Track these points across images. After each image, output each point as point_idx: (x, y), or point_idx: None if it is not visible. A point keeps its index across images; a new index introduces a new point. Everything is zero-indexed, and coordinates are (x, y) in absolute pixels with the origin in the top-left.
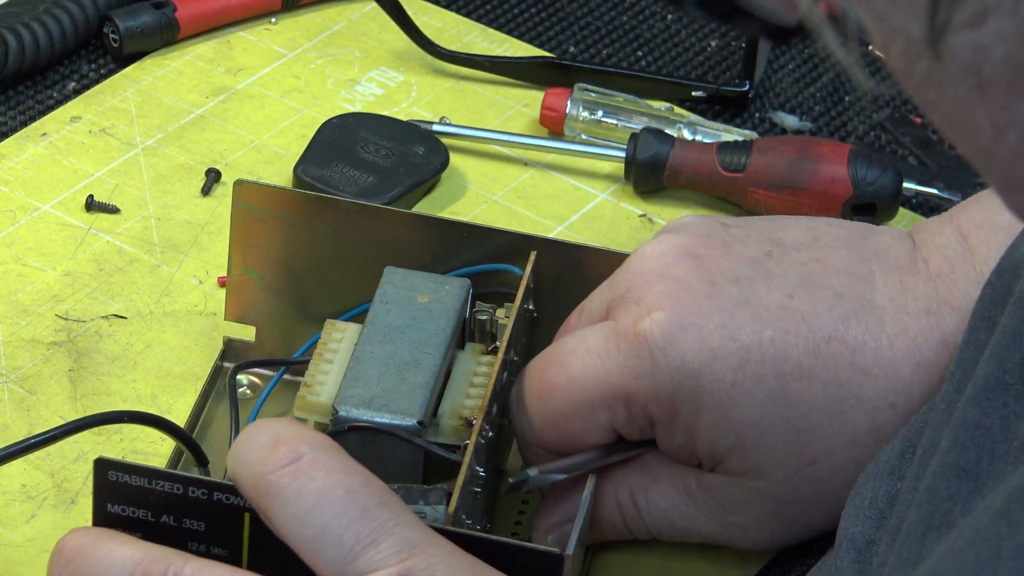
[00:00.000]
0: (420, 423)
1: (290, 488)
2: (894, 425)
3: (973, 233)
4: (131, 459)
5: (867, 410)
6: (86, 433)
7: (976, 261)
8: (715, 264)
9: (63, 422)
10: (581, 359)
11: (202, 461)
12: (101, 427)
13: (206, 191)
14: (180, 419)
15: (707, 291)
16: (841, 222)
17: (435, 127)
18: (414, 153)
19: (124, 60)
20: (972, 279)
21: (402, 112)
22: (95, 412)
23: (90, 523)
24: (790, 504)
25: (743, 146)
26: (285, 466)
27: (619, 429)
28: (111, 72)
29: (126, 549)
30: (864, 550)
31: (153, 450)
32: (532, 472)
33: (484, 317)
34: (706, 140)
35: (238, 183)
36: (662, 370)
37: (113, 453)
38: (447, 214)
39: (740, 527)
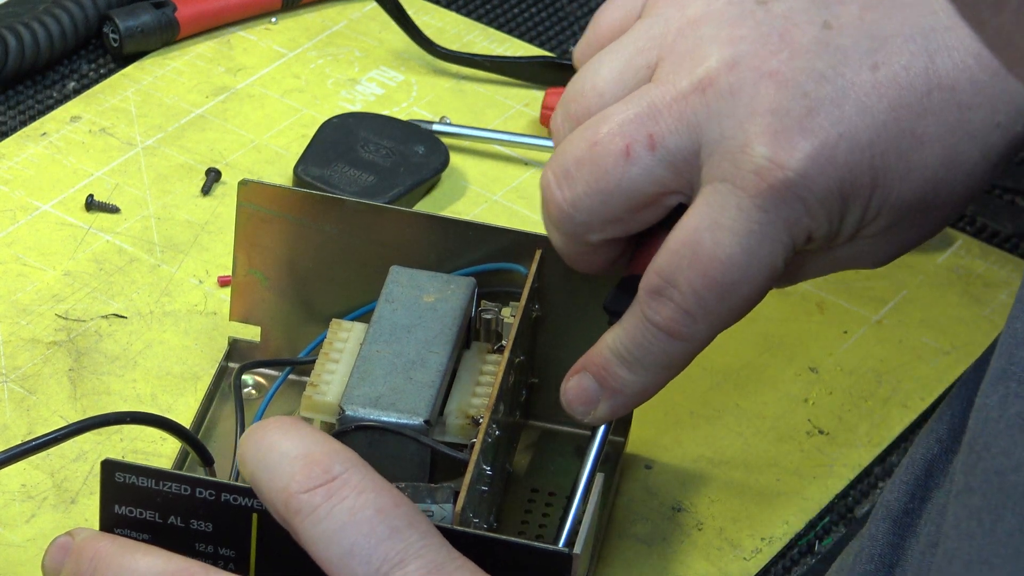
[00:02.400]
0: (427, 422)
1: (321, 508)
2: (1004, 142)
3: None
4: (132, 459)
5: (978, 141)
6: (86, 432)
7: None
8: (788, 67)
9: (63, 422)
10: (736, 249)
11: (207, 461)
12: (102, 427)
13: (206, 191)
14: (181, 418)
15: (798, 96)
16: None
17: (435, 127)
18: (414, 153)
19: (124, 60)
20: None
21: (402, 112)
22: (95, 412)
23: (91, 523)
24: (907, 242)
25: None
26: (318, 486)
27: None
28: (111, 72)
29: (148, 559)
30: (899, 519)
31: (153, 450)
32: None
33: (490, 316)
34: None
35: (243, 183)
36: (813, 203)
37: (113, 453)
38: (448, 214)
39: (850, 265)
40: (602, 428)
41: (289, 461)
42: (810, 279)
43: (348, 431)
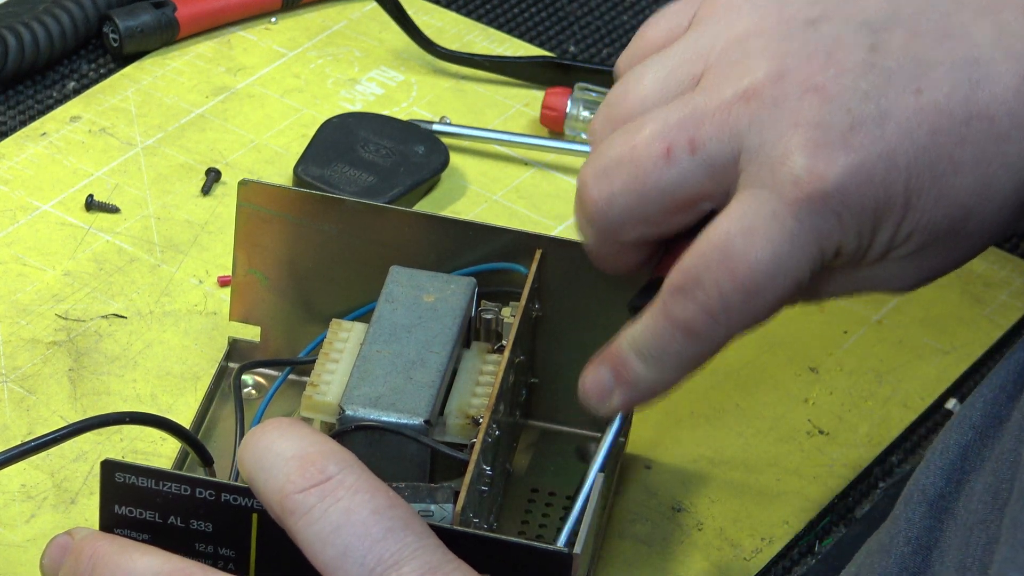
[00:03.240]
0: (427, 422)
1: (316, 508)
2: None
3: None
4: (131, 459)
5: (1012, 172)
6: (86, 433)
7: None
8: (834, 84)
9: (63, 422)
10: (766, 254)
11: (207, 461)
12: (102, 427)
13: (206, 191)
14: (181, 418)
15: (841, 112)
16: None
17: (435, 127)
18: (414, 153)
19: (124, 60)
20: None
21: (402, 112)
22: (95, 412)
23: (91, 523)
24: (936, 268)
25: None
26: (312, 486)
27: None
28: (111, 72)
29: (147, 559)
30: (935, 503)
31: (153, 450)
32: None
33: (490, 316)
34: None
35: (243, 183)
36: (846, 215)
37: (113, 453)
38: (447, 214)
39: (879, 286)
40: (612, 429)
41: (284, 462)
42: (834, 297)
43: (348, 431)
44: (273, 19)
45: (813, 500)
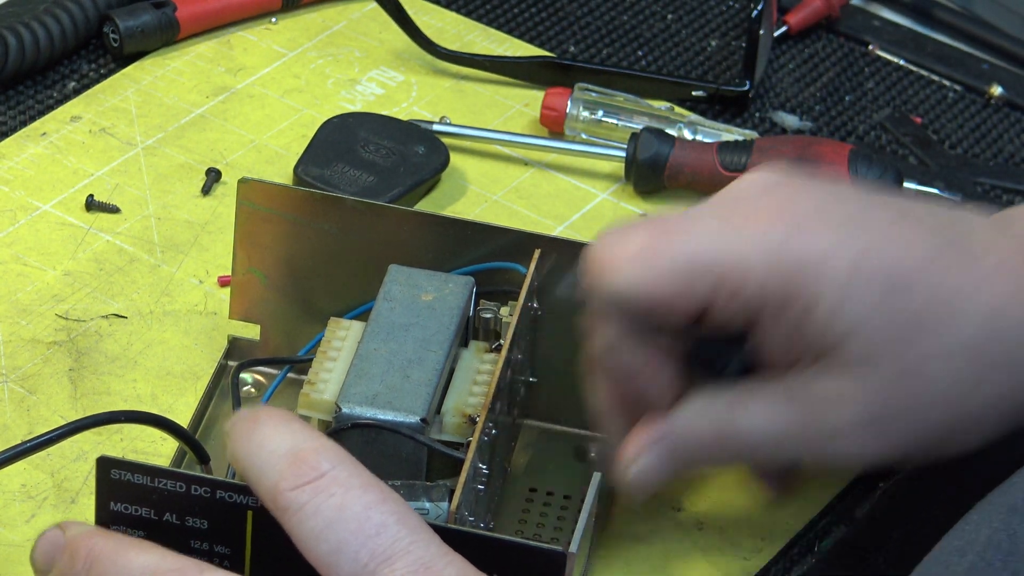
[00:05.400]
0: (423, 420)
1: (309, 505)
2: (1007, 337)
3: None
4: (131, 459)
5: (981, 316)
6: (86, 433)
7: None
8: (822, 196)
9: (63, 422)
10: (701, 224)
11: (203, 459)
12: (101, 427)
13: (206, 191)
14: (180, 418)
15: (817, 207)
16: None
17: (435, 127)
18: (414, 153)
19: (124, 60)
20: None
21: (402, 112)
22: (95, 412)
23: (91, 522)
24: (889, 408)
25: (743, 146)
26: (306, 484)
27: (715, 313)
28: (111, 72)
29: (144, 556)
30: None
31: (153, 449)
32: None
33: (488, 315)
34: (706, 140)
35: (242, 181)
36: (785, 254)
37: (113, 452)
38: (447, 213)
39: (835, 432)
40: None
41: (277, 458)
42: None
43: (344, 429)
44: (273, 19)
45: (813, 500)
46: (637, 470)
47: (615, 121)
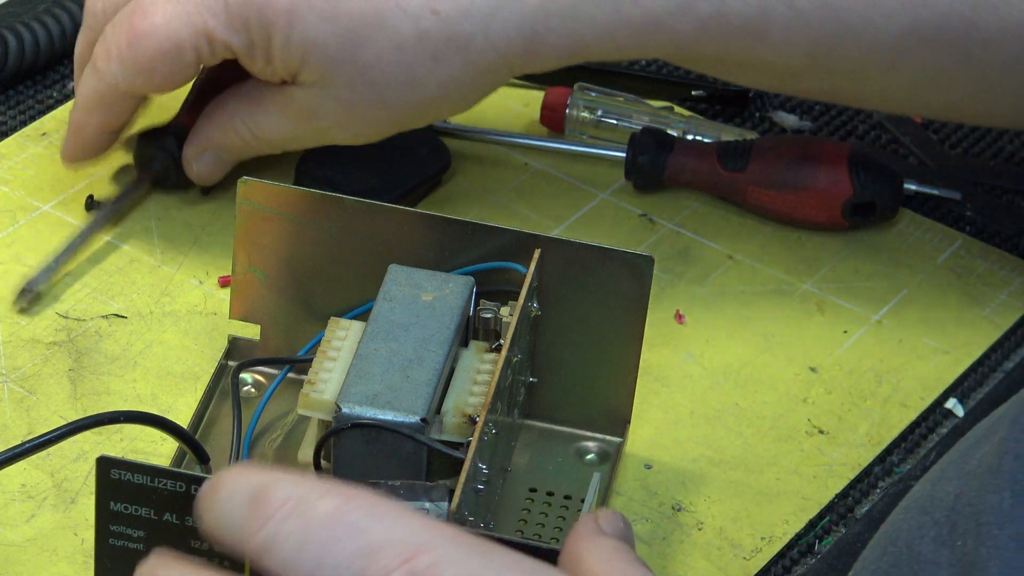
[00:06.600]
0: (423, 420)
1: (276, 536)
2: (439, 30)
3: None
4: (131, 458)
5: (410, 17)
6: (86, 433)
7: None
8: None
9: (63, 422)
10: (162, 6)
11: (203, 459)
12: (101, 427)
13: (206, 191)
14: (180, 418)
15: None
16: None
17: (436, 127)
18: (415, 153)
19: None
20: None
21: None
22: (95, 412)
23: (90, 523)
24: (357, 105)
25: (743, 146)
26: (268, 520)
27: (207, 64)
28: None
29: None
30: None
31: (153, 450)
32: None
33: (488, 315)
34: (706, 140)
35: (243, 181)
36: (232, 5)
37: (113, 453)
38: (448, 214)
39: (325, 130)
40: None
41: (238, 510)
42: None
43: (344, 429)
44: None
45: (813, 500)
46: (197, 169)
47: (615, 121)
